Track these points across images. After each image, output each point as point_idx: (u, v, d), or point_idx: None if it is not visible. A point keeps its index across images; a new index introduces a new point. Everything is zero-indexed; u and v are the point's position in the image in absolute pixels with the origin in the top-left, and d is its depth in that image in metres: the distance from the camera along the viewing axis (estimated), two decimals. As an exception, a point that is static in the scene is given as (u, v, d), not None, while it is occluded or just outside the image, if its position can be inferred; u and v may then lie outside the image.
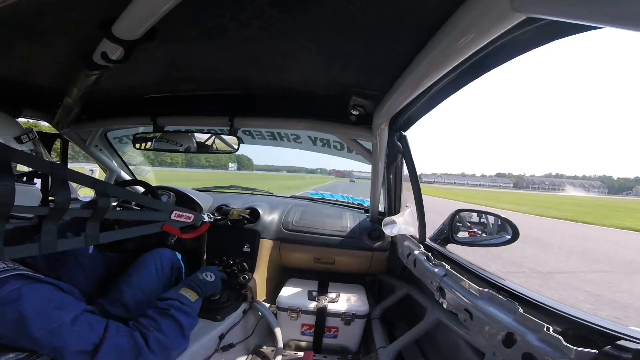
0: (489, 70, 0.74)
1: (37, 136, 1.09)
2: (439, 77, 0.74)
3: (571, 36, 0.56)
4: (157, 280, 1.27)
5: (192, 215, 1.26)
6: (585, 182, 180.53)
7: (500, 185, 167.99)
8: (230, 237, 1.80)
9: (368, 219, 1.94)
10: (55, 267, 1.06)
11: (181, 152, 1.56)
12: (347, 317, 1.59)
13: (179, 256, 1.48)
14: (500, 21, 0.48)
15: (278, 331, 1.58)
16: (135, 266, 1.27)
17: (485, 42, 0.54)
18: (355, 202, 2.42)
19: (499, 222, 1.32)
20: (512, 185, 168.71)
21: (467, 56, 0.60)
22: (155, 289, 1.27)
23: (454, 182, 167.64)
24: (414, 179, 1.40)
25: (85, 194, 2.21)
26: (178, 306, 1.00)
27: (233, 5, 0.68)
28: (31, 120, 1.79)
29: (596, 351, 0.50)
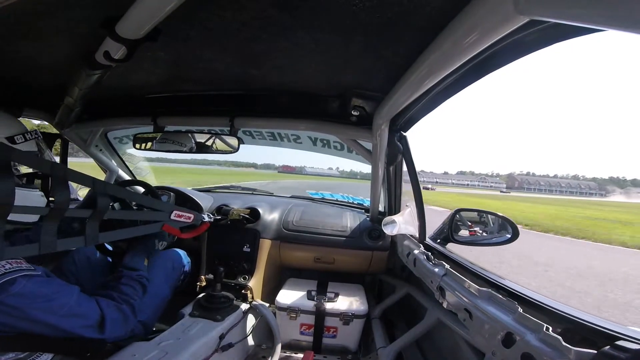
0: (492, 71, 0.74)
1: (40, 136, 1.08)
2: (441, 77, 0.73)
3: (574, 38, 0.56)
4: (166, 283, 1.26)
5: (192, 215, 1.26)
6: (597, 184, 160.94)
7: (491, 186, 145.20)
8: (230, 237, 1.80)
9: (368, 219, 1.95)
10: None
11: (182, 152, 1.56)
12: (346, 317, 1.59)
13: (188, 258, 1.48)
14: (504, 23, 0.48)
15: (278, 331, 1.58)
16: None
17: (489, 44, 0.54)
18: (356, 202, 2.43)
19: (500, 221, 1.33)
20: (504, 185, 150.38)
21: (469, 57, 0.60)
22: (162, 292, 1.27)
23: (436, 181, 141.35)
24: (414, 179, 1.41)
25: (86, 194, 2.20)
26: (144, 275, 1.20)
27: (234, 5, 0.68)
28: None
29: (595, 351, 0.51)
